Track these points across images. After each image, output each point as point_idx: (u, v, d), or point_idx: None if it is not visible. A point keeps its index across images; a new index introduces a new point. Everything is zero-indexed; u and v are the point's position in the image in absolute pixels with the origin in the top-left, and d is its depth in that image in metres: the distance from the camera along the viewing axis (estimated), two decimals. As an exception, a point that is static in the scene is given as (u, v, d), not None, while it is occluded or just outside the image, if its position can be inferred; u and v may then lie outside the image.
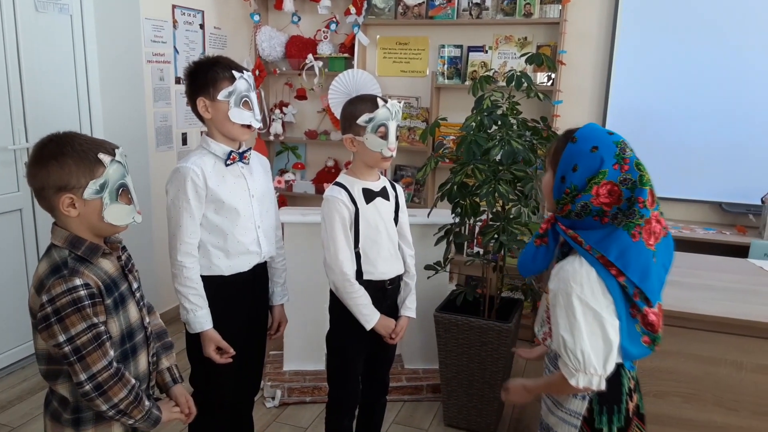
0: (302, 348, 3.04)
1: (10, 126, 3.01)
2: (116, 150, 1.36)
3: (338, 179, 1.98)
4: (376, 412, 2.25)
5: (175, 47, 3.68)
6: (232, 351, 1.92)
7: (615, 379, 1.40)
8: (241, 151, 1.95)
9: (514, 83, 2.56)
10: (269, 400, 2.89)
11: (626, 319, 1.34)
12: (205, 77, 1.84)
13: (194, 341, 1.93)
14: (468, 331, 2.59)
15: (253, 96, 1.91)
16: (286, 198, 4.22)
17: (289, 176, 4.22)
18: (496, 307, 2.70)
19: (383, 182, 2.03)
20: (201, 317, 1.88)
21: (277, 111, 4.17)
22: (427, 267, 2.69)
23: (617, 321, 1.32)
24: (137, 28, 3.40)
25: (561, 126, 3.63)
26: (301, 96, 4.09)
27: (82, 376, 1.27)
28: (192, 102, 1.88)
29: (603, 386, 1.34)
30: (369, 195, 1.96)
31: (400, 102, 1.98)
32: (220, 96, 1.83)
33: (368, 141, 1.89)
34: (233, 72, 1.84)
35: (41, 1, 3.10)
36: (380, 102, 1.88)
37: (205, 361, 1.93)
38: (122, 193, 1.36)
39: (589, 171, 1.32)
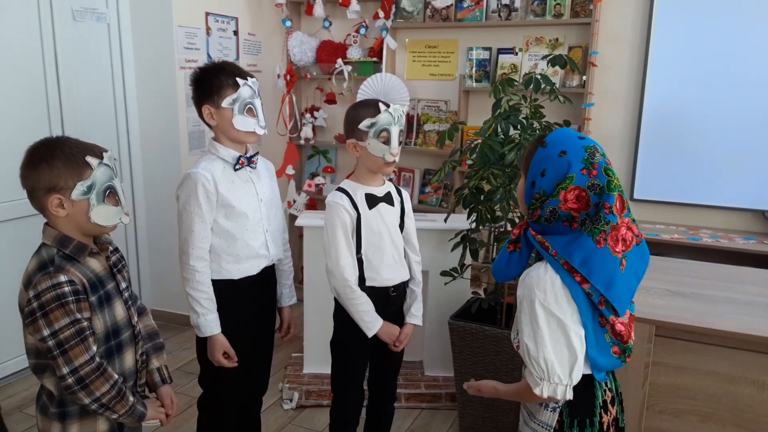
0: (322, 351, 3.03)
1: (49, 131, 3.14)
2: (104, 153, 1.40)
3: (341, 184, 1.98)
4: (383, 420, 2.23)
5: (208, 53, 3.77)
6: (236, 359, 1.95)
7: (586, 391, 1.37)
8: (249, 155, 1.98)
9: (532, 86, 2.49)
10: (287, 402, 2.91)
11: (593, 328, 1.31)
12: (210, 84, 1.87)
13: (204, 343, 1.97)
14: (483, 340, 2.54)
15: (258, 102, 1.93)
16: (316, 201, 4.26)
17: (319, 180, 4.25)
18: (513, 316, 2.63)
19: (388, 187, 2.01)
20: (211, 321, 1.91)
21: (308, 115, 4.21)
22: (444, 273, 2.65)
23: (582, 329, 1.30)
24: (170, 35, 3.49)
25: (593, 129, 3.53)
26: (331, 100, 4.12)
27: (65, 370, 1.32)
28: (198, 109, 1.92)
29: (569, 396, 1.31)
30: (372, 200, 1.95)
31: (403, 107, 1.96)
32: (224, 103, 1.86)
33: (370, 146, 1.88)
34: (237, 79, 1.86)
35: (79, 11, 3.24)
36: (382, 107, 1.87)
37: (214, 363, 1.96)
38: (109, 194, 1.40)
39: (557, 176, 1.30)
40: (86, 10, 3.28)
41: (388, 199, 1.99)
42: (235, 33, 4.00)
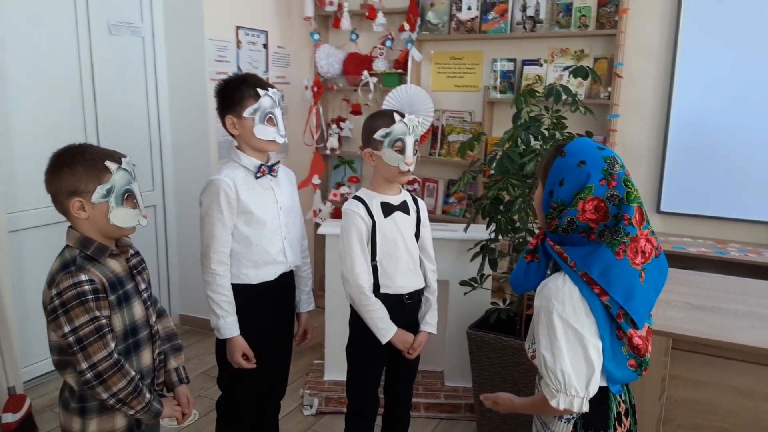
0: (343, 358, 3.06)
1: (85, 140, 3.25)
2: (123, 159, 1.47)
3: (357, 193, 2.02)
4: (398, 428, 2.24)
5: (238, 66, 3.87)
6: (254, 360, 2.00)
7: (601, 403, 1.36)
8: (270, 164, 2.03)
9: (552, 97, 2.49)
10: (307, 408, 2.94)
11: (611, 341, 1.30)
12: (232, 95, 1.94)
13: (223, 345, 2.03)
14: (501, 350, 2.54)
15: (278, 112, 1.98)
16: (341, 210, 4.30)
17: (344, 189, 4.30)
18: (533, 327, 2.62)
19: (404, 196, 2.04)
20: (230, 323, 1.97)
21: (334, 126, 4.28)
22: (463, 283, 2.66)
23: (600, 342, 1.29)
24: (201, 48, 3.60)
25: (619, 140, 3.49)
26: (357, 111, 4.18)
27: (84, 365, 1.38)
28: (222, 119, 1.99)
29: (585, 408, 1.30)
30: (387, 209, 1.98)
31: (419, 117, 1.99)
32: (246, 113, 1.92)
33: (385, 155, 1.91)
34: (258, 90, 1.93)
35: (115, 25, 3.37)
36: (397, 117, 1.90)
37: (232, 365, 2.01)
38: (128, 198, 1.46)
39: (576, 185, 1.30)
40: (122, 25, 3.42)
41: (403, 207, 2.01)
42: (265, 46, 4.10)
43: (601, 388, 1.34)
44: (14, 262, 2.87)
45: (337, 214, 4.28)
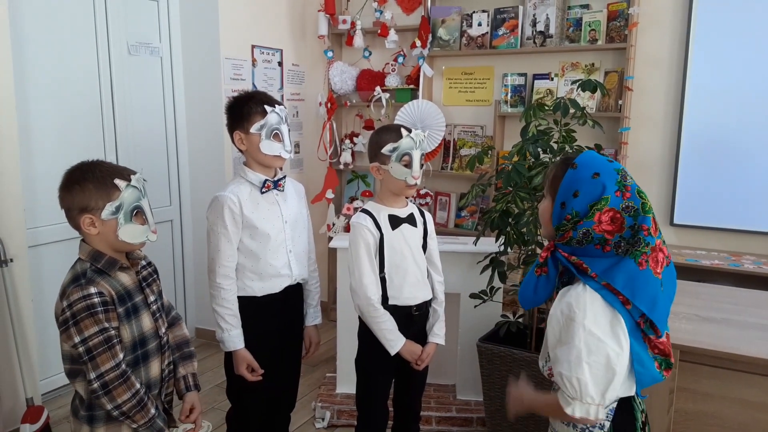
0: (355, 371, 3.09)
1: (104, 157, 3.35)
2: (132, 176, 1.51)
3: (365, 206, 2.05)
4: (408, 440, 2.25)
5: (253, 83, 3.95)
6: (261, 371, 2.03)
7: (628, 414, 1.38)
8: (276, 179, 2.07)
9: (560, 110, 2.51)
10: (319, 421, 2.96)
11: (639, 344, 1.32)
12: (240, 112, 1.99)
13: (230, 358, 2.06)
14: (511, 363, 2.54)
15: (284, 128, 2.03)
16: (355, 225, 4.34)
17: (358, 203, 4.34)
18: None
19: (411, 209, 2.07)
20: (235, 337, 2.00)
21: (347, 141, 4.33)
22: (473, 296, 2.67)
23: (622, 349, 1.29)
24: (218, 67, 3.69)
25: (630, 153, 3.49)
26: (369, 126, 4.23)
27: (92, 375, 1.42)
28: (230, 134, 2.04)
29: (602, 416, 1.31)
30: (395, 221, 2.01)
31: (425, 132, 2.03)
32: (253, 129, 1.97)
33: (393, 169, 1.95)
34: (265, 106, 1.98)
35: (134, 45, 3.48)
36: (404, 132, 1.94)
37: (239, 377, 2.05)
38: (137, 214, 1.50)
39: (591, 197, 1.32)
40: (141, 45, 3.52)
41: (410, 220, 2.05)
42: (280, 64, 4.19)
43: (626, 399, 1.35)
44: (34, 276, 2.95)
45: (350, 228, 4.32)
